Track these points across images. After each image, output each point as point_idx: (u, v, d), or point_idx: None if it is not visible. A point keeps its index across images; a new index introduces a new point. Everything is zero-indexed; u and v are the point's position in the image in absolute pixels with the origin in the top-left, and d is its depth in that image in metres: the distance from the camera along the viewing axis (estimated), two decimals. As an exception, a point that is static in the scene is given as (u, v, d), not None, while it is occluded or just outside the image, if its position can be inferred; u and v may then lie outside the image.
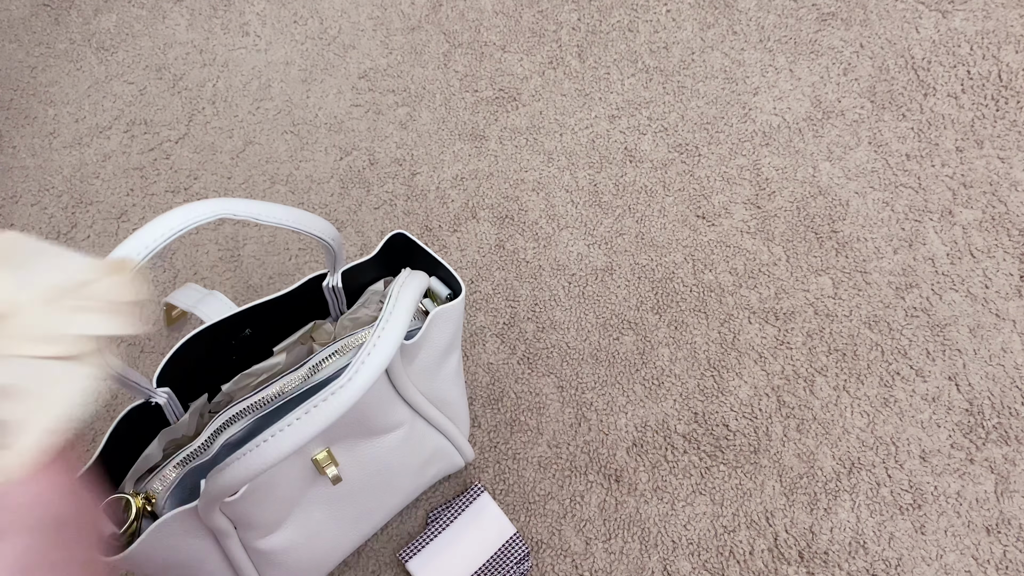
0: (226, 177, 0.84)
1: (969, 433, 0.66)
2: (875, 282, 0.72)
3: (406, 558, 0.63)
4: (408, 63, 0.89)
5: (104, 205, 0.83)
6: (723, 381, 0.70)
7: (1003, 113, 0.78)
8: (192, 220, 0.37)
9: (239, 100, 0.88)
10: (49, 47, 0.94)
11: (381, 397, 0.50)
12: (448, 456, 0.62)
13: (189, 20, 0.94)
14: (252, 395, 0.50)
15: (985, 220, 0.74)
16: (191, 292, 0.49)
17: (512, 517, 0.66)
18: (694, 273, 0.75)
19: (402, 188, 0.82)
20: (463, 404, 0.61)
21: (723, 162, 0.80)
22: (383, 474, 0.55)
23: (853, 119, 0.80)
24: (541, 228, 0.78)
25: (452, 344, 0.54)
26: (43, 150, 0.87)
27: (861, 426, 0.67)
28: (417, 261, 0.54)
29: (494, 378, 0.72)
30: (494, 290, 0.76)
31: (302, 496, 0.50)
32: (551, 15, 0.90)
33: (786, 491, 0.65)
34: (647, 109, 0.83)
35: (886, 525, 0.63)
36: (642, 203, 0.78)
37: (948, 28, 0.83)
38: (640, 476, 0.67)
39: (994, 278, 0.71)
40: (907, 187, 0.76)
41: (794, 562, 0.63)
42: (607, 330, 0.73)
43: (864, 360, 0.69)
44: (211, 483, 0.40)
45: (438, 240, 0.79)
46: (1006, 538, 0.62)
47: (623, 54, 0.87)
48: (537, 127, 0.84)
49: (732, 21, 0.87)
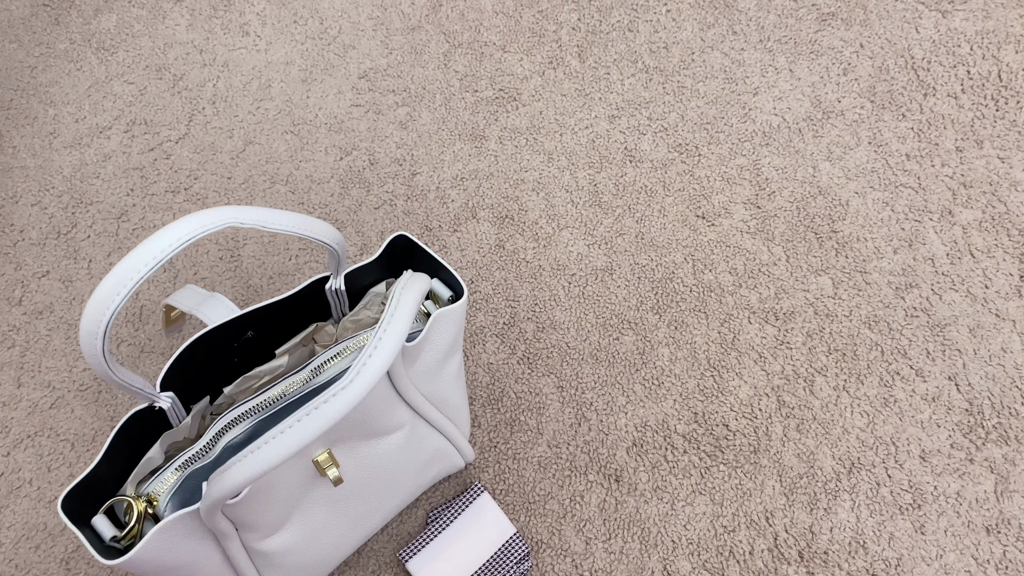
0: (226, 177, 0.84)
1: (969, 433, 0.66)
2: (875, 282, 0.72)
3: (406, 558, 0.63)
4: (408, 63, 0.89)
5: (104, 205, 0.83)
6: (723, 381, 0.70)
7: (1003, 113, 0.78)
8: (200, 229, 0.37)
9: (239, 100, 0.88)
10: (49, 47, 0.94)
11: (382, 399, 0.50)
12: (448, 457, 0.62)
13: (189, 20, 0.94)
14: (254, 397, 0.50)
15: (985, 220, 0.74)
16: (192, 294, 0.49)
17: (512, 517, 0.66)
18: (694, 273, 0.75)
19: (402, 188, 0.82)
20: (464, 405, 0.61)
21: (723, 162, 0.80)
22: (384, 475, 0.55)
23: (853, 119, 0.80)
24: (541, 228, 0.78)
25: (454, 346, 0.54)
26: (43, 150, 0.87)
27: (861, 426, 0.67)
28: (419, 263, 0.54)
29: (494, 378, 0.72)
30: (494, 290, 0.76)
31: (303, 497, 0.50)
32: (551, 15, 0.90)
33: (786, 491, 0.65)
34: (647, 109, 0.83)
35: (886, 525, 0.64)
36: (642, 203, 0.79)
37: (948, 28, 0.83)
38: (640, 476, 0.67)
39: (994, 278, 0.71)
40: (907, 187, 0.76)
41: (794, 562, 0.63)
42: (607, 330, 0.73)
43: (864, 360, 0.70)
44: (213, 485, 0.40)
45: (438, 240, 0.79)
46: (1006, 538, 0.62)
47: (623, 54, 0.87)
48: (537, 127, 0.84)
49: (732, 21, 0.87)
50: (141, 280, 0.36)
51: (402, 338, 0.41)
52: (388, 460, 0.54)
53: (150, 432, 0.49)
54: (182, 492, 0.47)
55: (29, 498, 0.70)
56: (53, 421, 0.73)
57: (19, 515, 0.69)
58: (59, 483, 0.70)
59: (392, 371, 0.49)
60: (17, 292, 0.79)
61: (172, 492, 0.47)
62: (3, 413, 0.74)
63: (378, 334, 0.41)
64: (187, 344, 0.48)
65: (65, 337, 0.77)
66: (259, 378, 0.53)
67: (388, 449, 0.53)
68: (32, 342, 0.76)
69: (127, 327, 0.76)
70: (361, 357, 0.40)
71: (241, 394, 0.53)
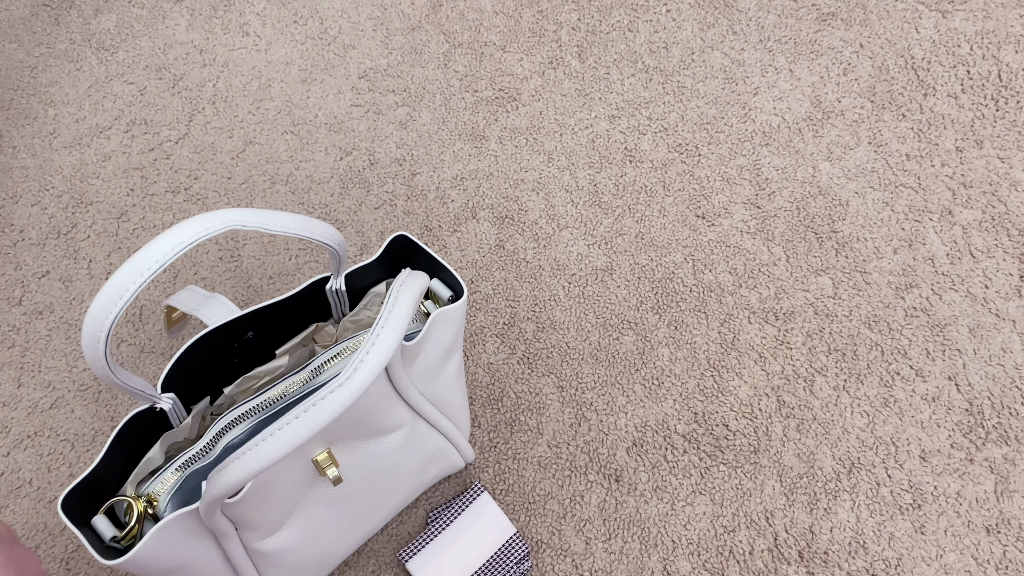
0: (226, 177, 0.84)
1: (969, 433, 0.66)
2: (875, 282, 0.72)
3: (406, 558, 0.63)
4: (408, 63, 0.89)
5: (104, 205, 0.83)
6: (723, 381, 0.70)
7: (1003, 113, 0.78)
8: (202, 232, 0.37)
9: (239, 100, 0.88)
10: (49, 47, 0.94)
11: (382, 398, 0.50)
12: (448, 457, 0.62)
13: (189, 20, 0.94)
14: (254, 398, 0.50)
15: (985, 220, 0.74)
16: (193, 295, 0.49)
17: (512, 517, 0.66)
18: (694, 273, 0.75)
19: (402, 188, 0.82)
20: (464, 405, 0.61)
21: (723, 162, 0.80)
22: (384, 475, 0.55)
23: (853, 119, 0.80)
24: (541, 228, 0.78)
25: (453, 346, 0.54)
26: (43, 150, 0.87)
27: (861, 426, 0.67)
28: (419, 263, 0.54)
29: (494, 378, 0.72)
30: (494, 290, 0.76)
31: (303, 497, 0.50)
32: (551, 15, 0.90)
33: (786, 491, 0.65)
34: (647, 109, 0.83)
35: (886, 525, 0.64)
36: (642, 203, 0.79)
37: (948, 28, 0.83)
38: (640, 476, 0.67)
39: (994, 278, 0.71)
40: (907, 187, 0.76)
41: (794, 562, 0.63)
42: (607, 330, 0.73)
43: (864, 360, 0.70)
44: (211, 484, 0.40)
45: (438, 240, 0.79)
46: (1006, 538, 0.62)
47: (623, 54, 0.87)
48: (537, 127, 0.84)
49: (732, 21, 0.87)
50: (143, 284, 0.36)
51: (400, 335, 0.41)
52: (388, 460, 0.54)
53: (150, 433, 0.49)
54: (182, 492, 0.48)
55: (29, 498, 0.70)
56: (53, 421, 0.73)
57: (19, 515, 0.69)
58: (59, 483, 0.70)
59: (391, 370, 0.49)
60: (17, 292, 0.79)
61: (172, 492, 0.47)
62: (3, 413, 0.74)
63: (375, 331, 0.41)
64: (188, 345, 0.48)
65: (65, 337, 0.77)
66: (259, 378, 0.53)
67: (388, 449, 0.53)
68: (32, 342, 0.77)
69: (127, 327, 0.76)
70: (358, 354, 0.40)
71: (241, 394, 0.53)
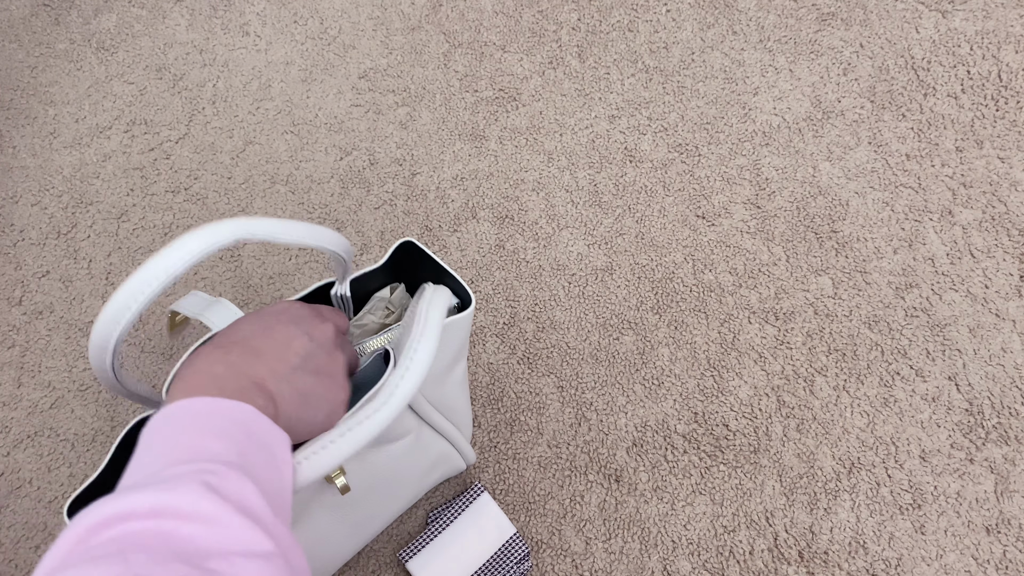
0: (226, 177, 0.84)
1: (969, 433, 0.66)
2: (875, 282, 0.72)
3: (406, 558, 0.63)
4: (408, 63, 0.89)
5: (104, 205, 0.83)
6: (723, 381, 0.70)
7: (1003, 113, 0.78)
8: (212, 244, 0.36)
9: (239, 100, 0.88)
10: (49, 47, 0.94)
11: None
12: (450, 460, 0.62)
13: (189, 20, 0.94)
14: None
15: (985, 220, 0.74)
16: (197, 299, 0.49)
17: (512, 517, 0.66)
18: (694, 273, 0.75)
19: (402, 188, 0.82)
20: (467, 409, 0.61)
21: (723, 162, 0.80)
22: (389, 481, 0.55)
23: (853, 119, 0.80)
24: (541, 228, 0.78)
25: (459, 353, 0.54)
26: (43, 150, 0.87)
27: (861, 426, 0.67)
28: (426, 270, 0.53)
29: (494, 378, 0.72)
30: (494, 290, 0.76)
31: (309, 503, 0.50)
32: (551, 15, 0.90)
33: (786, 491, 0.65)
34: (647, 109, 0.83)
35: (886, 525, 0.64)
36: (642, 203, 0.79)
37: (948, 28, 0.83)
38: (640, 476, 0.67)
39: (994, 278, 0.71)
40: (907, 187, 0.76)
41: (794, 562, 0.63)
42: (607, 330, 0.73)
43: (864, 360, 0.70)
44: None
45: (438, 240, 0.79)
46: (1006, 538, 0.62)
47: (623, 54, 0.87)
48: (537, 127, 0.84)
49: (732, 21, 0.87)
50: (151, 296, 0.36)
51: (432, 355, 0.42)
52: (393, 466, 0.54)
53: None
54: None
55: (29, 498, 0.70)
56: (53, 421, 0.73)
57: (19, 515, 0.69)
58: (59, 483, 0.70)
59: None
60: (17, 292, 0.79)
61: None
62: (3, 413, 0.74)
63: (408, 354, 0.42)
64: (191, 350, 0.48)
65: (65, 337, 0.77)
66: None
67: (393, 455, 0.53)
68: (32, 342, 0.76)
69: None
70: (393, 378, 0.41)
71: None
